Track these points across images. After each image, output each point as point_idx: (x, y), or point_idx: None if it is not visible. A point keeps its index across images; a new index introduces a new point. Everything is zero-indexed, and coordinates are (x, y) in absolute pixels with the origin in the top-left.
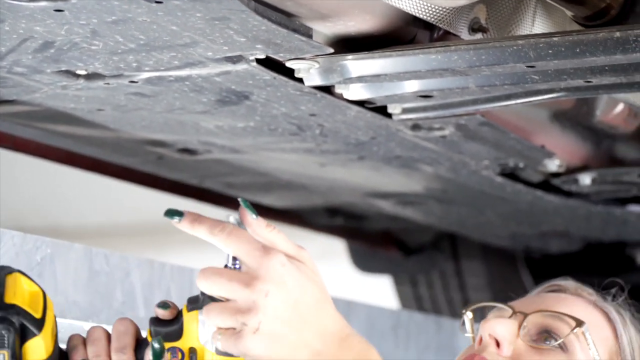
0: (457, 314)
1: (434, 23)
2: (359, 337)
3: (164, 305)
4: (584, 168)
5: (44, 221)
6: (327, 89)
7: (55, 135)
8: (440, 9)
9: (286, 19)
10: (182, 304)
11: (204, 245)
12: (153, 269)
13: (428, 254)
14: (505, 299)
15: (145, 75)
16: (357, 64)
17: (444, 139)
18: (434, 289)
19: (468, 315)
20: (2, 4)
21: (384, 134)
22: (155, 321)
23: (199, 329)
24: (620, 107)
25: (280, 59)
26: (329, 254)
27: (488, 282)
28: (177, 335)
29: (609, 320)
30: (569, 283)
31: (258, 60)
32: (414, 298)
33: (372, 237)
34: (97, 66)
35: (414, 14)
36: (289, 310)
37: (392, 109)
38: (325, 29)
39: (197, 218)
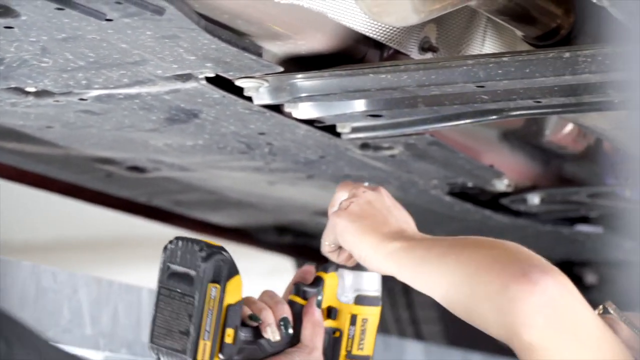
0: (405, 333)
1: (384, 42)
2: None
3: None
4: (532, 188)
5: None
6: (277, 108)
7: (4, 152)
8: (391, 28)
9: (236, 38)
10: (131, 322)
11: (151, 263)
12: (101, 287)
13: None
14: (452, 318)
15: (95, 93)
16: (307, 83)
17: (393, 158)
18: (382, 307)
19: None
20: None
21: (333, 152)
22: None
23: (338, 288)
24: (569, 127)
25: (230, 78)
26: (278, 272)
27: (436, 302)
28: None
29: None
30: None
31: (208, 79)
32: None
33: (320, 255)
34: (46, 83)
35: (364, 33)
36: (367, 205)
37: (341, 128)
38: (275, 48)
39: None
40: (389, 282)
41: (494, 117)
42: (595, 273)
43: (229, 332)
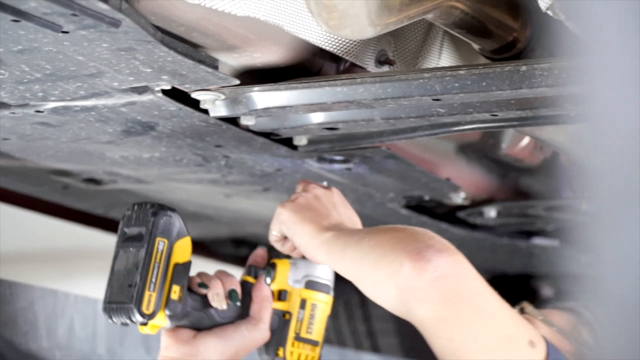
0: (361, 346)
1: (340, 55)
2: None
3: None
4: (489, 201)
5: None
6: (233, 120)
7: None
8: (347, 41)
9: (192, 50)
10: (87, 334)
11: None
12: (57, 299)
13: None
14: (409, 331)
15: (51, 105)
16: (263, 96)
17: (349, 171)
18: (338, 319)
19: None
20: None
21: (289, 165)
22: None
23: (290, 273)
24: (526, 140)
25: (186, 90)
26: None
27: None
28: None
29: None
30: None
31: (164, 91)
32: None
33: None
34: (2, 95)
35: (320, 45)
36: (313, 199)
37: (298, 140)
38: (231, 60)
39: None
40: (345, 294)
41: (451, 130)
42: (552, 286)
43: (175, 288)
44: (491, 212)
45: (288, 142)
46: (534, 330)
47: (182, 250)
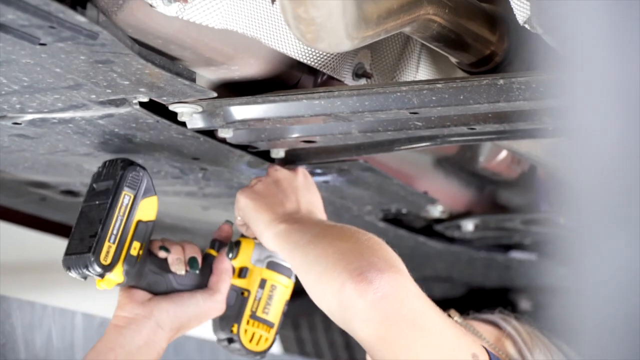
0: (339, 358)
1: (317, 68)
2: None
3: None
4: (467, 214)
5: None
6: (210, 133)
7: None
8: (324, 54)
9: (170, 63)
10: (65, 346)
11: (85, 287)
12: (34, 311)
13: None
14: None
15: (29, 117)
16: (240, 109)
17: (326, 184)
18: (316, 331)
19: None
20: None
21: None
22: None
23: (254, 252)
24: (503, 154)
25: (164, 103)
26: None
27: None
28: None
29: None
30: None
31: (141, 104)
32: (295, 341)
33: None
34: None
35: (297, 58)
36: (272, 185)
37: (275, 153)
38: (209, 73)
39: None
40: None
41: (428, 143)
42: (530, 299)
43: (136, 244)
44: (469, 226)
45: (265, 155)
46: (477, 343)
47: (148, 208)
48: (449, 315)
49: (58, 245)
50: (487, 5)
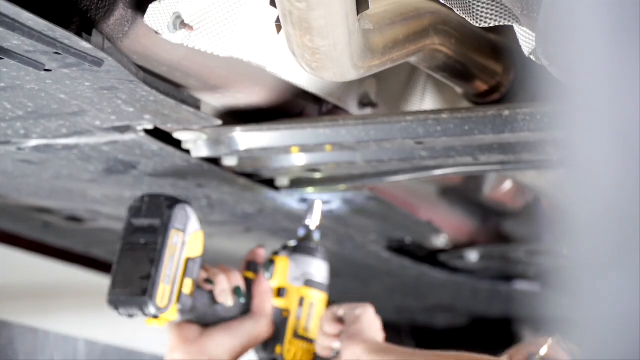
0: None
1: (322, 97)
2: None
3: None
4: (470, 244)
5: None
6: (215, 161)
7: None
8: (330, 83)
9: (174, 90)
10: None
11: (88, 313)
12: (37, 337)
13: None
14: None
15: (33, 142)
16: (245, 136)
17: (330, 212)
18: None
19: None
20: None
21: (271, 206)
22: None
23: (289, 270)
24: (508, 184)
25: (168, 130)
26: None
27: None
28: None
29: None
30: None
31: (146, 131)
32: None
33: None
34: None
35: (302, 87)
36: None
37: (280, 181)
38: (214, 101)
39: None
40: None
41: (433, 173)
42: (533, 330)
43: (187, 282)
44: (472, 256)
45: (270, 183)
46: None
47: (195, 243)
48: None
49: (61, 271)
50: (493, 36)
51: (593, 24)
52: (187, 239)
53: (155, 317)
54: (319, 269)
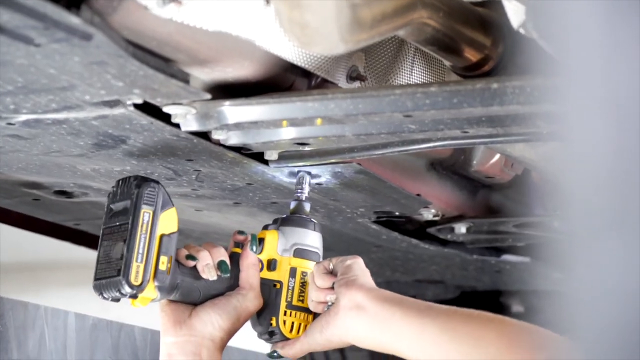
0: None
1: (311, 71)
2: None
3: (240, 232)
4: (460, 217)
5: None
6: (204, 135)
7: None
8: (318, 57)
9: (164, 64)
10: (58, 346)
11: (78, 287)
12: (27, 311)
13: None
14: (380, 357)
15: (23, 117)
16: (234, 110)
17: (320, 185)
18: None
19: None
20: None
21: (260, 180)
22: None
23: (278, 242)
24: (496, 157)
25: (158, 104)
26: None
27: None
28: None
29: None
30: None
31: (135, 105)
32: None
33: None
34: None
35: (291, 61)
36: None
37: (269, 155)
38: (203, 75)
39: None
40: None
41: (422, 146)
42: (522, 302)
43: (163, 259)
44: (461, 229)
45: (259, 157)
46: None
47: (168, 221)
48: None
49: (51, 245)
50: (482, 10)
51: None
52: (158, 216)
53: (135, 296)
54: (309, 239)
